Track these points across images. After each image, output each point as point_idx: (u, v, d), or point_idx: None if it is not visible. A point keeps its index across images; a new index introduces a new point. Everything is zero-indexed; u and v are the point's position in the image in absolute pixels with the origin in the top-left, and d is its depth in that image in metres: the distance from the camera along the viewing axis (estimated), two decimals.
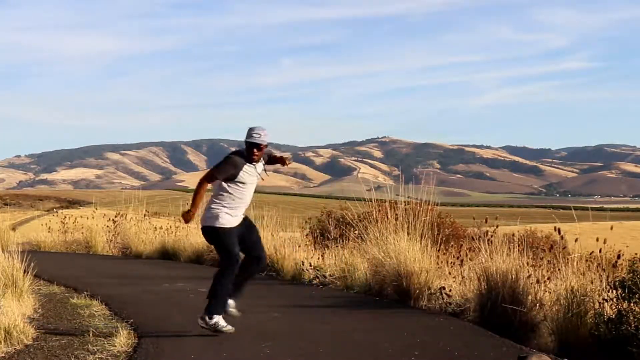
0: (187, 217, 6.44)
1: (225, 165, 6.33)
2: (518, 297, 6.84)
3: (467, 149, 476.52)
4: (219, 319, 6.36)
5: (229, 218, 6.36)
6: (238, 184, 6.34)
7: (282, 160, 6.75)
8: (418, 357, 5.60)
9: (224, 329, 6.34)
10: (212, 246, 6.89)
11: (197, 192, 6.37)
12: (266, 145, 6.40)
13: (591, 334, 6.01)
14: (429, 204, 8.97)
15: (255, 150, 6.34)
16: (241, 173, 6.32)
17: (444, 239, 9.40)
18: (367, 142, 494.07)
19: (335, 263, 9.97)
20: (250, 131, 6.35)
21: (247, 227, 6.52)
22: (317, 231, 14.49)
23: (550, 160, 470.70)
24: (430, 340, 6.18)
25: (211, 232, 6.41)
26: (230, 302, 6.49)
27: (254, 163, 6.41)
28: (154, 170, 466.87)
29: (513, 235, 7.44)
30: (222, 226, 6.35)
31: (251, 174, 6.41)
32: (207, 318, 6.35)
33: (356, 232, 10.01)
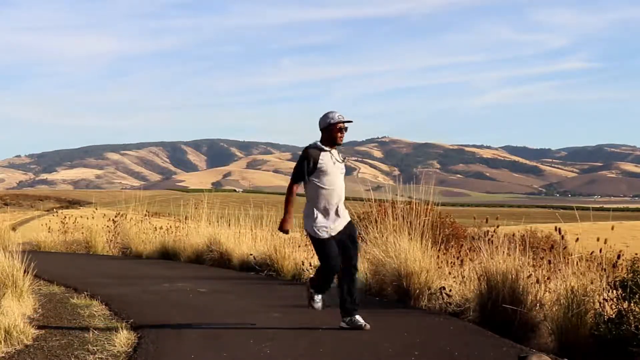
0: (283, 227, 6.34)
1: (300, 162, 6.27)
2: (518, 297, 6.84)
3: (467, 149, 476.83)
4: (317, 297, 6.56)
5: (321, 225, 6.26)
6: (320, 175, 6.24)
7: None
8: (418, 357, 5.60)
9: (315, 304, 6.62)
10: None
11: (286, 199, 6.32)
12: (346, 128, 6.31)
13: (591, 334, 6.01)
14: (428, 204, 8.97)
15: (344, 131, 6.30)
16: (320, 162, 6.23)
17: (444, 239, 9.40)
18: (367, 142, 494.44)
19: None
20: (331, 113, 6.29)
21: (348, 234, 6.40)
22: None
23: (550, 160, 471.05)
24: (430, 340, 6.18)
25: (311, 239, 6.41)
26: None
27: (331, 150, 6.32)
28: (154, 170, 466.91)
29: (513, 235, 7.44)
30: (314, 236, 6.29)
31: (332, 162, 6.30)
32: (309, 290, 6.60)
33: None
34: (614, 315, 5.92)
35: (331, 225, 6.29)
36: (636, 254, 6.24)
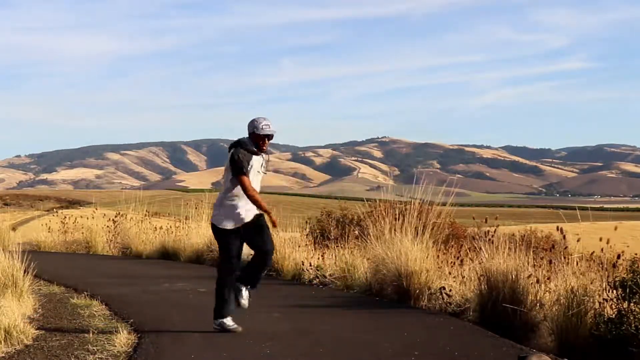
0: (273, 221, 6.46)
1: (241, 156, 6.30)
2: (518, 297, 6.84)
3: (467, 149, 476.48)
4: (224, 320, 6.45)
5: (230, 215, 6.36)
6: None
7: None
8: (418, 357, 5.60)
9: (230, 327, 6.42)
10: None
11: (255, 195, 6.32)
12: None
13: (591, 334, 6.01)
14: (431, 205, 8.97)
15: (267, 140, 6.41)
16: (250, 164, 6.35)
17: (444, 239, 9.39)
18: (367, 142, 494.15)
19: (335, 263, 9.97)
20: (258, 122, 6.39)
21: (258, 226, 6.46)
22: (317, 231, 14.49)
23: (550, 160, 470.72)
24: (430, 340, 6.18)
25: (216, 230, 6.48)
26: (244, 293, 6.45)
27: (262, 155, 6.45)
28: (154, 170, 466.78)
29: (513, 235, 7.44)
30: (224, 227, 6.39)
31: (257, 167, 6.43)
32: (214, 320, 6.50)
33: (356, 231, 10.00)
34: (614, 315, 5.92)
35: (240, 215, 6.37)
36: (636, 254, 6.25)
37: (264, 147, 6.46)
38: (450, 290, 7.88)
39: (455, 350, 5.81)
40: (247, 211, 6.40)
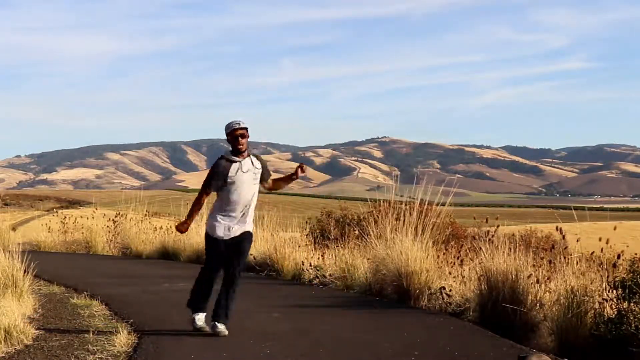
0: (181, 227, 6.58)
1: (210, 174, 6.33)
2: (518, 297, 6.84)
3: (467, 149, 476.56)
4: (194, 315, 6.47)
5: (219, 224, 6.32)
6: (229, 185, 6.28)
7: (295, 173, 6.58)
8: (418, 357, 5.60)
9: (197, 326, 6.42)
10: None
11: (193, 206, 6.47)
12: (247, 130, 6.34)
13: (591, 334, 6.01)
14: (431, 205, 8.97)
15: (240, 139, 6.27)
16: (229, 174, 6.26)
17: (444, 239, 9.40)
18: (367, 142, 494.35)
19: (335, 263, 9.97)
20: (228, 123, 6.34)
21: (241, 247, 6.38)
22: (317, 231, 14.49)
23: (550, 160, 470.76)
24: (430, 340, 6.18)
25: (207, 237, 6.47)
26: (220, 326, 6.32)
27: (241, 161, 6.31)
28: (154, 170, 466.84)
29: (513, 235, 7.44)
30: (213, 235, 6.36)
31: (242, 172, 6.31)
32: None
33: (356, 231, 10.00)
34: (614, 315, 5.92)
35: (228, 228, 6.34)
36: (636, 254, 6.24)
37: (240, 146, 6.29)
38: (450, 290, 7.88)
39: (455, 350, 5.81)
40: (237, 224, 6.34)
